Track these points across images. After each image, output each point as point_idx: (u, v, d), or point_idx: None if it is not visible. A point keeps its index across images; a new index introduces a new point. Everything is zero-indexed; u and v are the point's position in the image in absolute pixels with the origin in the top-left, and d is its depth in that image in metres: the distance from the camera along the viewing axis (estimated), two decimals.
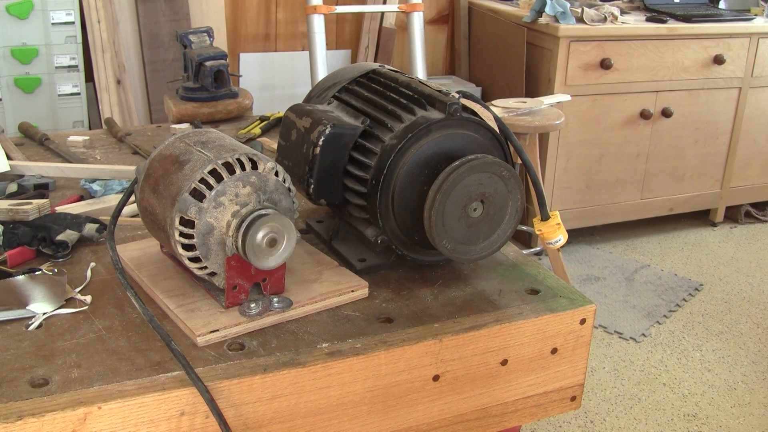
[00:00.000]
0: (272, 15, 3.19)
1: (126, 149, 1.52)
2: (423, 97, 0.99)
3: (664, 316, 2.72)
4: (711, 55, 3.11)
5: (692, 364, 2.45)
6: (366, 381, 0.84)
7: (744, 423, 2.18)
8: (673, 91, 3.10)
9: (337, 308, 0.92)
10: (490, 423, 0.94)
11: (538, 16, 2.91)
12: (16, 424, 0.70)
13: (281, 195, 0.88)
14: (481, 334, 0.89)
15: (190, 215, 0.83)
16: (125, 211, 1.15)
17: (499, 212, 0.96)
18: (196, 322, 0.84)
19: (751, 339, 2.60)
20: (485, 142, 0.98)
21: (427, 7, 3.39)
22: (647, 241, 3.33)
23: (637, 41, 2.96)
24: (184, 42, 1.77)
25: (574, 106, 2.89)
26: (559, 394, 0.98)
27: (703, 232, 3.46)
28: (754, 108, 3.30)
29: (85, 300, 0.92)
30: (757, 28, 3.16)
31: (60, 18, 2.60)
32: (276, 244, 0.85)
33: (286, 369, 0.79)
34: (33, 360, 0.80)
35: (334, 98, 1.09)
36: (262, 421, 0.80)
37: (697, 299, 2.86)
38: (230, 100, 1.72)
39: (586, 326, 0.96)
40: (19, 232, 1.03)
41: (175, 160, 0.87)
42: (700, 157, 3.29)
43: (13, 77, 2.59)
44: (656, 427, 2.15)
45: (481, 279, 1.01)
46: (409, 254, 0.99)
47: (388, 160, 0.93)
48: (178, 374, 0.77)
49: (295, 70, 3.24)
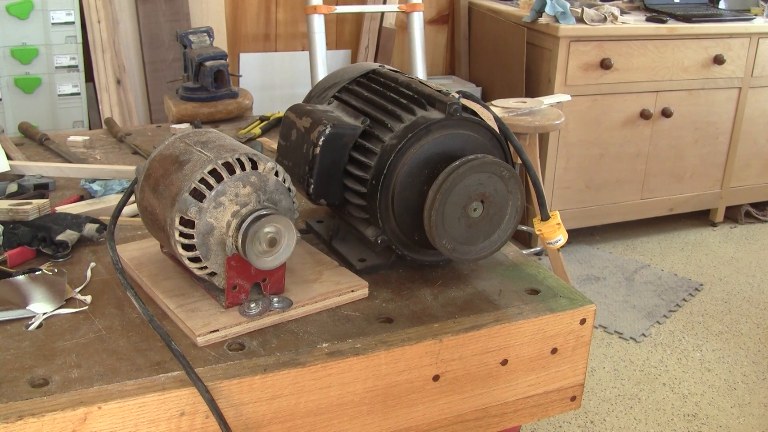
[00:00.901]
0: (272, 15, 3.19)
1: (126, 149, 1.52)
2: (423, 97, 0.99)
3: (664, 316, 2.72)
4: (711, 55, 3.11)
5: (692, 364, 2.45)
6: (366, 381, 0.84)
7: (744, 423, 2.18)
8: (673, 91, 3.10)
9: (337, 308, 0.92)
10: (490, 423, 0.94)
11: (538, 16, 2.91)
12: (16, 424, 0.70)
13: (281, 195, 0.88)
14: (481, 334, 0.89)
15: (190, 215, 0.83)
16: (125, 211, 1.15)
17: (499, 212, 0.96)
18: (196, 322, 0.85)
19: (751, 339, 2.60)
20: (485, 142, 0.98)
21: (427, 7, 3.39)
22: (647, 241, 3.33)
23: (637, 41, 2.96)
24: (184, 42, 1.77)
25: (574, 106, 2.89)
26: (559, 394, 0.98)
27: (703, 232, 3.46)
28: (754, 108, 3.30)
29: (85, 300, 0.92)
30: (757, 28, 3.16)
31: (60, 18, 2.59)
32: (276, 244, 0.85)
33: (286, 369, 0.79)
34: (33, 360, 0.80)
35: (334, 98, 1.09)
36: (262, 421, 0.80)
37: (697, 299, 2.86)
38: (230, 100, 1.72)
39: (586, 326, 0.96)
40: (19, 232, 1.03)
41: (175, 160, 0.87)
42: (700, 157, 3.29)
43: (13, 77, 2.59)
44: (656, 427, 2.15)
45: (481, 279, 1.01)
46: (409, 254, 0.99)
47: (388, 160, 0.93)
48: (178, 374, 0.77)
49: (295, 70, 3.24)
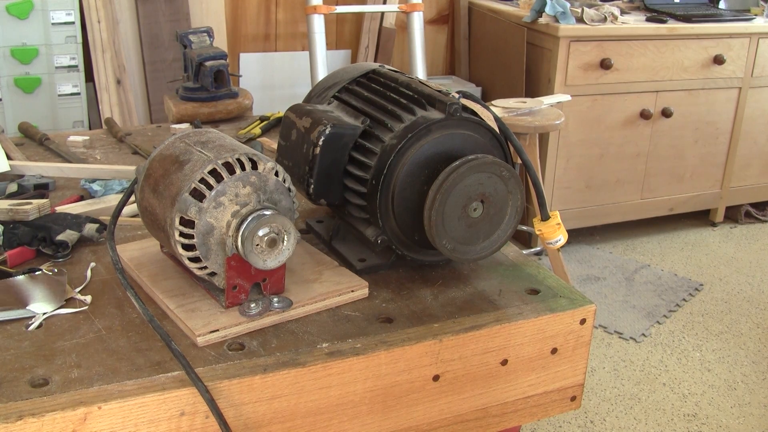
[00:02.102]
0: (272, 15, 3.19)
1: (126, 149, 1.52)
2: (423, 97, 0.99)
3: (664, 316, 2.72)
4: (711, 55, 3.11)
5: (692, 364, 2.45)
6: (366, 381, 0.84)
7: (744, 423, 2.18)
8: (673, 91, 3.10)
9: (337, 308, 0.92)
10: (490, 423, 0.94)
11: (538, 16, 2.91)
12: (16, 424, 0.70)
13: (281, 195, 0.88)
14: (481, 334, 0.89)
15: (190, 215, 0.83)
16: (125, 211, 1.15)
17: (499, 212, 0.96)
18: (196, 322, 0.84)
19: (751, 339, 2.60)
20: (485, 142, 0.98)
21: (427, 7, 3.39)
22: (647, 241, 3.33)
23: (637, 41, 2.96)
24: (184, 42, 1.77)
25: (574, 106, 2.89)
26: (559, 394, 0.98)
27: (703, 232, 3.46)
28: (754, 108, 3.30)
29: (85, 300, 0.91)
30: (757, 28, 3.16)
31: (60, 18, 2.59)
32: (276, 244, 0.85)
33: (286, 369, 0.79)
34: (33, 360, 0.80)
35: (334, 98, 1.09)
36: (262, 421, 0.80)
37: (697, 299, 2.86)
38: (230, 100, 1.72)
39: (586, 326, 0.96)
40: (19, 232, 1.03)
41: (175, 160, 0.87)
42: (700, 157, 3.29)
43: (13, 77, 2.59)
44: (656, 427, 2.15)
45: (481, 279, 1.01)
46: (409, 254, 0.99)
47: (388, 160, 0.93)
48: (178, 374, 0.77)
49: (295, 70, 3.24)
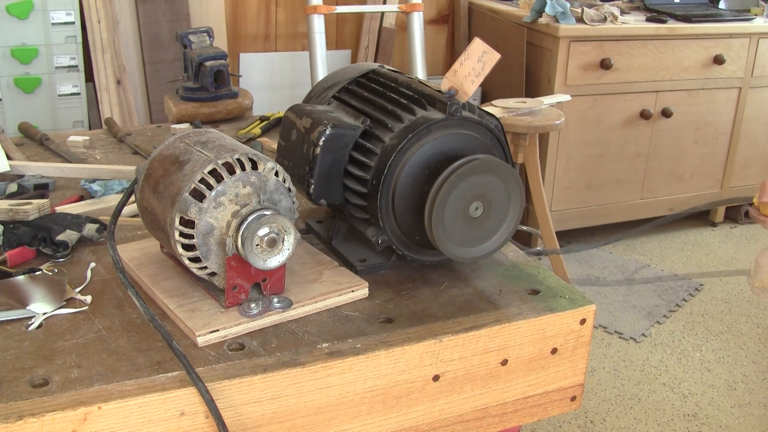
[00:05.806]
0: (272, 15, 3.19)
1: (126, 149, 1.52)
2: (423, 97, 0.99)
3: (664, 316, 2.72)
4: (711, 55, 3.10)
5: (692, 364, 2.45)
6: (366, 381, 0.84)
7: (744, 423, 2.18)
8: (673, 91, 3.10)
9: (337, 308, 0.92)
10: (490, 423, 0.94)
11: (538, 16, 2.91)
12: (16, 424, 0.70)
13: (281, 195, 0.88)
14: (481, 334, 0.89)
15: (190, 215, 0.83)
16: (125, 211, 1.15)
17: (499, 212, 0.96)
18: (196, 322, 0.84)
19: (751, 339, 2.60)
20: (485, 142, 0.98)
21: (427, 7, 3.39)
22: (647, 241, 3.33)
23: (637, 41, 2.96)
24: (184, 42, 1.77)
25: (574, 106, 2.89)
26: (559, 394, 0.98)
27: (703, 232, 3.46)
28: (754, 108, 3.30)
29: (85, 300, 0.91)
30: (757, 28, 3.16)
31: (60, 18, 2.59)
32: (276, 245, 0.85)
33: (286, 369, 0.79)
34: (33, 360, 0.80)
35: (334, 98, 1.09)
36: (262, 421, 0.80)
37: (697, 299, 2.86)
38: (230, 100, 1.72)
39: (586, 326, 0.96)
40: (19, 232, 1.03)
41: (175, 160, 0.87)
42: (700, 157, 3.29)
43: (13, 77, 2.59)
44: (656, 427, 2.15)
45: (481, 279, 1.01)
46: (410, 254, 0.99)
47: (388, 160, 0.93)
48: (178, 374, 0.77)
49: (295, 70, 3.24)
